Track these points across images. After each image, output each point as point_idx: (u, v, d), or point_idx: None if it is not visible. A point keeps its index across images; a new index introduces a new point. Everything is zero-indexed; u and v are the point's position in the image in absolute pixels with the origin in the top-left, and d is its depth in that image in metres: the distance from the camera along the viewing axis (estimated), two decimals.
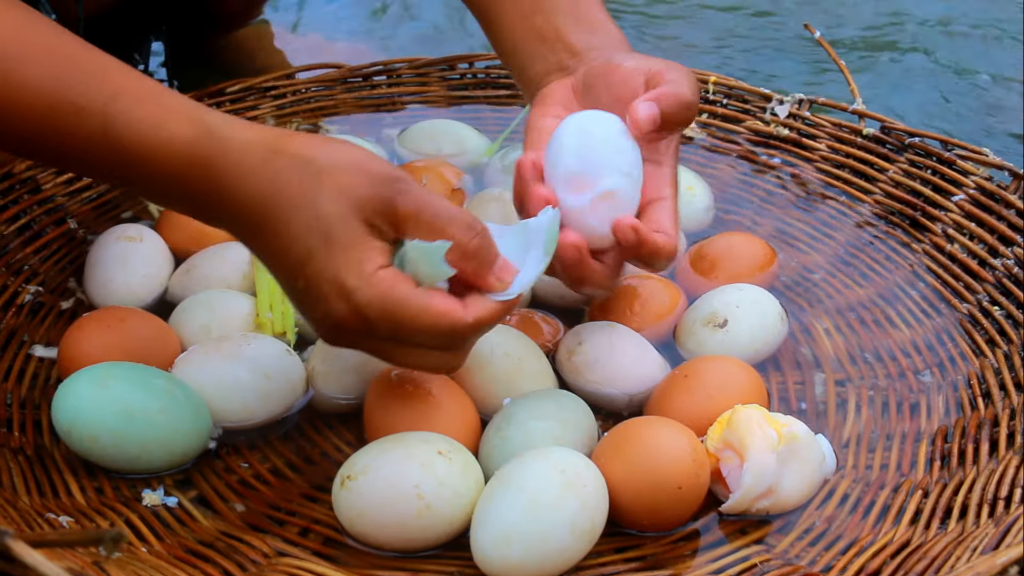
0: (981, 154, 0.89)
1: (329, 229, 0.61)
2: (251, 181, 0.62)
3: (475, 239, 0.63)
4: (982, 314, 0.81)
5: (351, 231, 0.61)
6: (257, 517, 0.69)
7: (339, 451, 0.73)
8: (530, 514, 0.63)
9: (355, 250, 0.61)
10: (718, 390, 0.72)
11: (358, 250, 0.61)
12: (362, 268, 0.61)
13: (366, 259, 0.61)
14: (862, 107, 0.95)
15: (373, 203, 0.61)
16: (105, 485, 0.70)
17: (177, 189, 0.63)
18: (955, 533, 0.65)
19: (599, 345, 0.76)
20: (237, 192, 0.62)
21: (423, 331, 0.62)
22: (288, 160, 0.62)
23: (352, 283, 0.61)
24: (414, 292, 0.61)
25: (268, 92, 1.03)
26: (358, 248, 0.61)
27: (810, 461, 0.69)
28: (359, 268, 0.61)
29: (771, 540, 0.67)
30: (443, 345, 0.64)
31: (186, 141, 0.62)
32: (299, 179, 0.61)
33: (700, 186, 0.93)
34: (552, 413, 0.70)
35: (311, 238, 0.61)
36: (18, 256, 0.85)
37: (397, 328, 0.62)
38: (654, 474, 0.65)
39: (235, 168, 0.62)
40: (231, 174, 0.62)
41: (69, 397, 0.69)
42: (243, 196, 0.62)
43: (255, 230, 0.63)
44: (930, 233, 0.88)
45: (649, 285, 0.83)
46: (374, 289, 0.61)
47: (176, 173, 0.62)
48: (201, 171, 0.62)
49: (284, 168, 0.62)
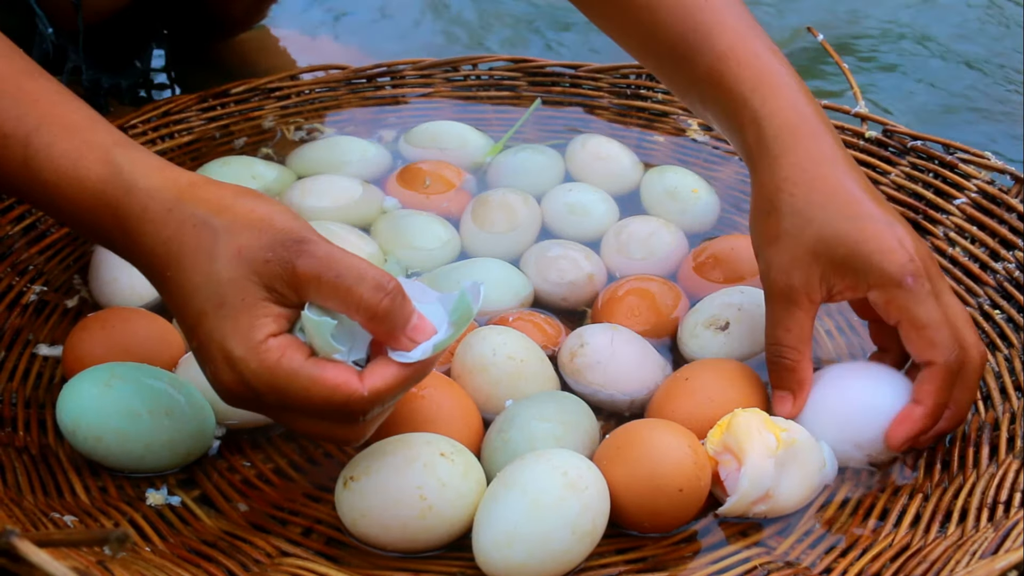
0: (983, 158, 0.89)
1: (222, 292, 0.58)
2: (153, 229, 0.60)
3: (384, 300, 0.59)
4: (983, 317, 0.82)
5: (244, 296, 0.58)
6: (260, 517, 0.69)
7: (342, 451, 0.73)
8: (532, 515, 0.63)
9: (245, 316, 0.58)
10: (719, 393, 0.72)
11: (248, 316, 0.58)
12: (250, 336, 0.58)
13: (256, 326, 0.58)
14: (864, 110, 0.95)
15: (270, 266, 0.58)
16: (109, 485, 0.70)
17: (90, 227, 0.63)
18: (955, 537, 0.65)
19: (601, 347, 0.77)
20: (141, 238, 0.61)
21: (315, 404, 0.59)
22: (191, 213, 0.59)
23: (238, 352, 0.58)
24: (304, 364, 0.59)
25: (272, 93, 1.03)
26: (249, 314, 0.58)
27: (809, 466, 0.69)
28: (247, 336, 0.58)
29: (771, 542, 0.68)
30: (340, 419, 0.60)
31: (98, 179, 0.61)
32: (198, 235, 0.59)
33: (705, 189, 0.93)
34: (554, 415, 0.71)
35: (204, 299, 0.59)
36: (23, 256, 0.85)
37: (285, 400, 0.59)
38: (655, 476, 0.66)
39: (140, 214, 0.60)
40: (135, 220, 0.60)
41: (73, 397, 0.69)
42: (147, 243, 0.60)
43: (159, 279, 0.61)
44: (932, 236, 0.88)
45: (651, 287, 0.84)
46: (260, 360, 0.58)
47: (88, 211, 0.62)
48: (109, 213, 0.61)
49: (186, 221, 0.59)
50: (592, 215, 0.92)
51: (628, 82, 1.04)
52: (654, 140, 1.01)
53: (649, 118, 1.03)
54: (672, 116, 1.02)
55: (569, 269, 0.86)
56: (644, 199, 0.94)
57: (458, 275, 0.84)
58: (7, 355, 0.78)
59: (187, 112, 1.00)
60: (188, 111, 1.00)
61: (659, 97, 1.03)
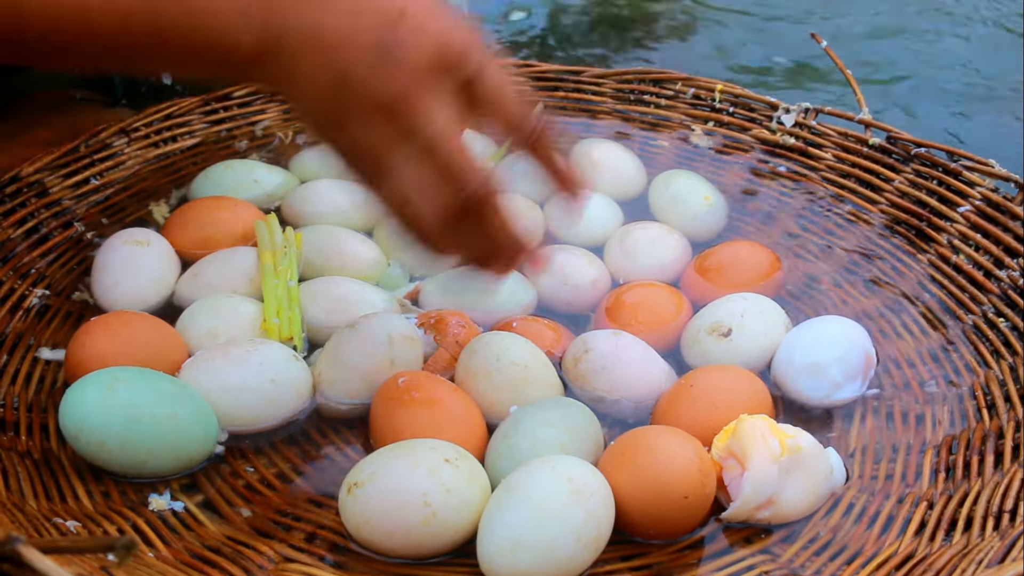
0: (987, 165, 0.89)
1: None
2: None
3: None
4: (987, 325, 0.82)
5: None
6: (263, 522, 0.69)
7: (345, 457, 0.73)
8: (537, 522, 0.63)
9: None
10: (724, 399, 0.72)
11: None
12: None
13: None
14: (868, 116, 0.95)
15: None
16: (112, 489, 0.70)
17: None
18: (960, 546, 0.65)
19: (605, 353, 0.76)
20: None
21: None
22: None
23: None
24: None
25: (276, 95, 1.03)
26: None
27: (815, 473, 0.69)
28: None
29: (776, 549, 0.68)
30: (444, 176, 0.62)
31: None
32: None
33: (716, 196, 0.93)
34: (559, 421, 0.71)
35: None
36: (25, 259, 0.85)
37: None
38: (660, 483, 0.65)
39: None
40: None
41: (76, 401, 0.69)
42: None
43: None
44: (935, 244, 0.88)
45: (655, 293, 0.84)
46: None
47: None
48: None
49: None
50: (596, 220, 0.92)
51: (631, 87, 1.04)
52: (657, 145, 1.01)
53: (652, 123, 1.03)
54: (675, 121, 1.02)
55: (573, 274, 0.85)
56: (652, 205, 0.94)
57: (462, 281, 0.84)
58: (9, 359, 0.78)
59: (190, 115, 0.99)
60: (191, 114, 1.00)
61: (662, 102, 1.03)
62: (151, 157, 0.96)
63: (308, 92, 0.61)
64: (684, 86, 1.03)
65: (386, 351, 0.75)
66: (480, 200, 0.62)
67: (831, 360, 0.76)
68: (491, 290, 0.65)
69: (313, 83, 0.60)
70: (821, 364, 0.76)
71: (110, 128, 0.94)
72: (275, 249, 0.84)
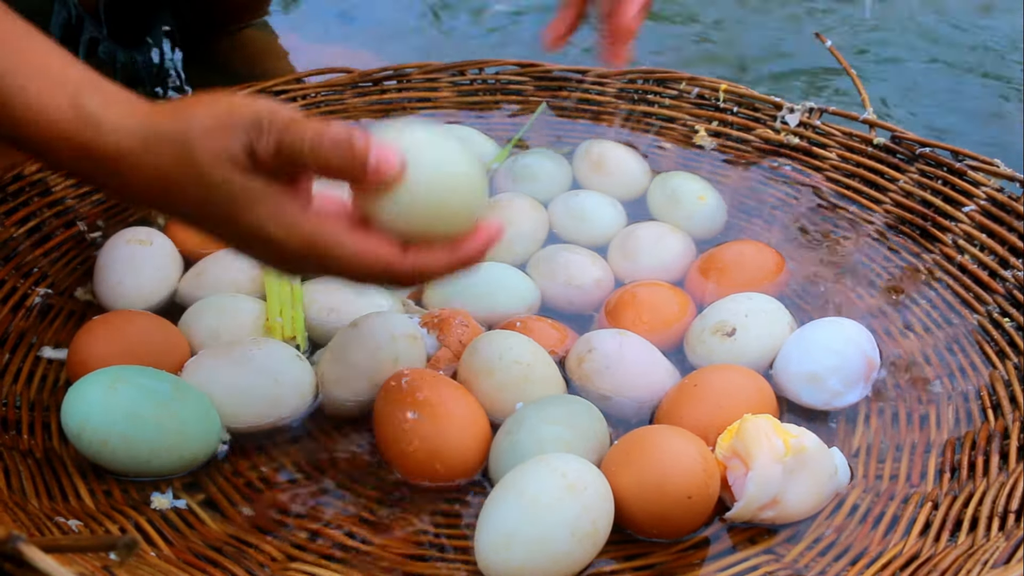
0: (992, 165, 0.88)
1: (225, 191, 0.59)
2: (136, 162, 0.60)
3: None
4: (992, 325, 0.81)
5: (245, 187, 0.59)
6: (266, 521, 0.69)
7: (348, 456, 0.73)
8: (530, 517, 0.63)
9: (262, 206, 0.59)
10: (728, 399, 0.72)
11: (265, 204, 0.59)
12: (279, 215, 0.59)
13: (278, 208, 0.60)
14: (873, 116, 0.95)
15: (253, 156, 0.59)
16: (114, 488, 0.70)
17: (70, 167, 0.62)
18: (965, 546, 0.65)
19: (609, 352, 0.76)
20: (132, 175, 0.61)
21: (359, 271, 0.61)
22: (163, 137, 0.60)
23: (276, 234, 0.59)
24: (342, 233, 0.60)
25: (279, 96, 1.03)
26: (265, 202, 0.59)
27: (819, 473, 0.69)
28: (275, 218, 0.59)
29: (780, 550, 0.67)
30: (386, 281, 0.63)
31: (67, 120, 0.60)
32: (180, 155, 0.59)
33: (712, 195, 0.93)
34: (563, 418, 0.70)
35: (216, 204, 0.60)
36: (28, 258, 0.85)
37: (329, 265, 0.61)
38: (664, 483, 0.65)
39: (115, 154, 0.60)
40: (113, 160, 0.60)
41: (79, 400, 0.69)
42: (139, 178, 0.61)
43: (165, 206, 0.63)
44: (940, 244, 0.88)
45: (658, 293, 0.83)
46: (296, 236, 0.60)
47: (65, 152, 0.61)
48: (85, 154, 0.61)
49: (163, 146, 0.60)
50: (599, 220, 0.91)
51: (635, 87, 1.04)
52: (661, 145, 1.01)
53: (656, 123, 1.02)
54: (679, 121, 1.02)
55: (576, 274, 0.85)
56: (651, 204, 0.94)
57: (465, 280, 0.84)
58: (12, 358, 0.78)
59: None
60: None
61: (667, 102, 1.03)
62: None
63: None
64: (688, 86, 1.02)
65: (389, 350, 0.75)
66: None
67: (829, 369, 0.76)
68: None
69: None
70: (819, 374, 0.76)
71: None
72: None
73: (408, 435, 0.69)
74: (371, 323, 0.76)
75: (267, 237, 0.60)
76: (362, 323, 0.76)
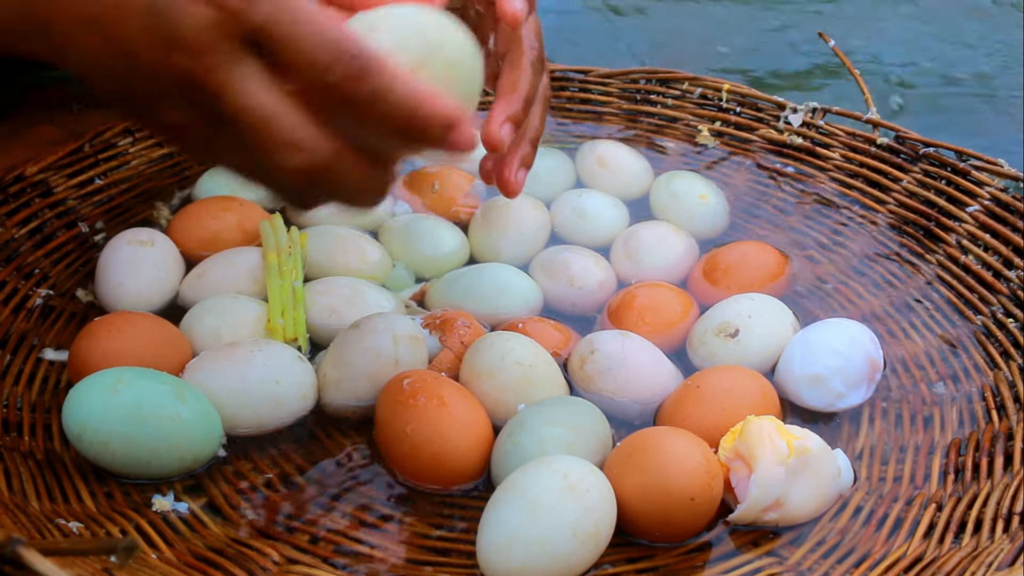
0: (996, 165, 0.88)
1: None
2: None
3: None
4: (996, 326, 0.81)
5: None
6: (267, 524, 0.69)
7: (350, 458, 0.73)
8: (531, 518, 0.62)
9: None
10: (731, 401, 0.72)
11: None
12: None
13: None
14: (876, 116, 0.95)
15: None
16: (115, 490, 0.70)
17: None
18: (969, 548, 0.65)
19: (612, 354, 0.76)
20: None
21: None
22: None
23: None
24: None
25: None
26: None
27: (823, 475, 0.68)
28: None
29: (784, 552, 0.67)
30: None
31: None
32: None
33: (714, 195, 0.93)
34: (566, 420, 0.70)
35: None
36: (29, 259, 0.85)
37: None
38: (667, 485, 0.65)
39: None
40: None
41: (80, 402, 0.68)
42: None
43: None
44: (944, 244, 0.88)
45: (661, 293, 0.83)
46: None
47: None
48: None
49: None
50: (602, 220, 0.91)
51: (638, 87, 1.04)
52: (664, 145, 1.01)
53: (659, 123, 1.02)
54: (682, 121, 1.02)
55: (579, 275, 0.85)
56: (653, 205, 0.94)
57: (467, 280, 0.84)
58: (13, 359, 0.78)
59: None
60: None
61: (669, 102, 1.03)
62: (155, 157, 0.96)
63: (95, 76, 0.55)
64: (691, 86, 1.02)
65: (391, 352, 0.75)
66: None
67: (832, 371, 0.75)
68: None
69: (96, 66, 0.54)
70: (822, 376, 0.75)
71: (115, 128, 0.94)
72: (280, 249, 0.83)
73: (410, 437, 0.69)
74: (373, 324, 0.76)
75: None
76: (364, 324, 0.76)
